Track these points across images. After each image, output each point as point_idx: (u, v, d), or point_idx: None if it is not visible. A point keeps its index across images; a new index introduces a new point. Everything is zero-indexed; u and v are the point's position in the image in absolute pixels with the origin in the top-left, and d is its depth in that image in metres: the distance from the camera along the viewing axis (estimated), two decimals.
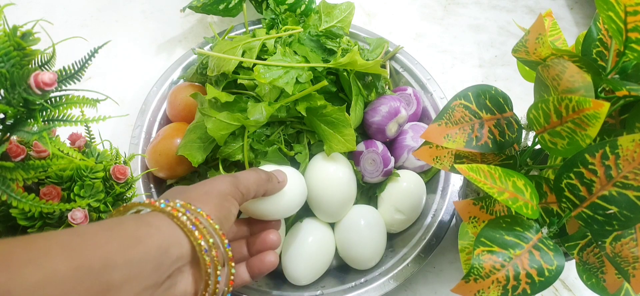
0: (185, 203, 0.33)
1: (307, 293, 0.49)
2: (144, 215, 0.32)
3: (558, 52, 0.34)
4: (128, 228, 0.29)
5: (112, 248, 0.27)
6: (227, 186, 0.37)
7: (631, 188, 0.30)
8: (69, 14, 0.76)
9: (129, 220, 0.31)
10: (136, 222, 0.30)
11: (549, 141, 0.34)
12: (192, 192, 0.36)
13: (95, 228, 0.28)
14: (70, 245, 0.25)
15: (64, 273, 0.24)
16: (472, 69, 0.75)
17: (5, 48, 0.28)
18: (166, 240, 0.30)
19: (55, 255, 0.24)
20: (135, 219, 0.31)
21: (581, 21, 0.81)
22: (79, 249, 0.25)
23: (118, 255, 0.27)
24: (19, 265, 0.23)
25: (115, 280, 0.26)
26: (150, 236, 0.29)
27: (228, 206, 0.36)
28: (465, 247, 0.42)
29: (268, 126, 0.51)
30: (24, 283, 0.22)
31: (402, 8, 0.82)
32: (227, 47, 0.53)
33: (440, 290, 0.54)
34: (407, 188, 0.53)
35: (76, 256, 0.25)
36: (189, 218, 0.32)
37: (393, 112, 0.53)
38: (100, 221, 0.32)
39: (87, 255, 0.25)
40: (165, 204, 0.32)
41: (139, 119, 0.58)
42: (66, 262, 0.24)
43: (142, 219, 0.31)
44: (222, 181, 0.37)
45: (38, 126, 0.30)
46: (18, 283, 0.22)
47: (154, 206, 0.33)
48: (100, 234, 0.28)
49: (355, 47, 0.57)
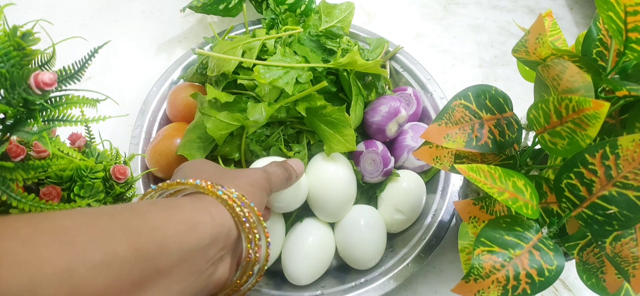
0: (240, 194, 0.34)
1: (307, 293, 0.49)
2: (200, 199, 0.32)
3: (558, 52, 0.34)
4: (185, 212, 0.30)
5: (168, 232, 0.28)
6: (263, 181, 0.38)
7: (631, 188, 0.30)
8: (69, 14, 0.76)
9: (187, 204, 0.31)
10: (193, 207, 0.31)
11: (549, 141, 0.34)
12: (239, 180, 0.36)
13: (155, 209, 0.29)
14: (131, 226, 0.26)
15: (123, 254, 0.24)
16: (472, 69, 0.75)
17: (5, 48, 0.28)
18: (218, 229, 0.31)
19: (116, 236, 0.25)
20: (193, 203, 0.32)
21: (581, 21, 0.81)
22: (138, 231, 0.26)
23: (173, 240, 0.28)
24: (83, 244, 0.23)
25: (166, 265, 0.27)
26: (205, 224, 0.30)
27: (263, 198, 0.38)
28: (465, 247, 0.42)
29: (268, 126, 0.51)
30: (87, 262, 0.23)
31: (402, 8, 0.82)
32: (227, 47, 0.53)
33: (440, 290, 0.54)
34: (407, 188, 0.53)
35: (135, 238, 0.26)
36: (243, 210, 0.33)
37: (393, 112, 0.53)
38: (160, 201, 0.32)
39: (145, 238, 0.26)
40: (222, 192, 0.33)
41: (139, 119, 0.58)
42: (126, 243, 0.25)
43: (199, 204, 0.32)
44: (258, 174, 0.39)
45: (38, 126, 0.30)
46: (81, 262, 0.23)
47: (211, 191, 0.33)
48: (159, 216, 0.28)
49: (355, 47, 0.57)
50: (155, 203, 0.31)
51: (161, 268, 0.27)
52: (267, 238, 0.35)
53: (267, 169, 0.41)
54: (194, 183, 0.33)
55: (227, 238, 0.32)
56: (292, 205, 0.48)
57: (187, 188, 0.34)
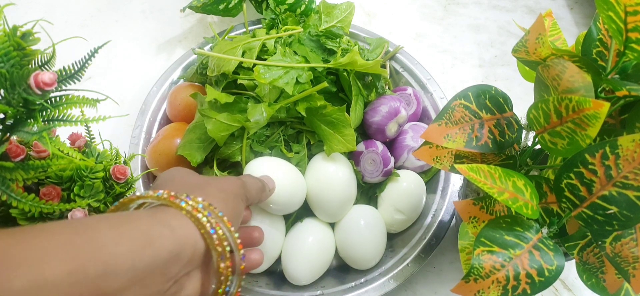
0: (207, 204, 0.31)
1: (307, 293, 0.49)
2: (160, 212, 0.30)
3: (558, 52, 0.34)
4: (140, 226, 0.27)
5: (118, 250, 0.25)
6: (238, 188, 0.37)
7: (631, 188, 0.30)
8: (69, 14, 0.76)
9: (142, 217, 0.28)
10: (150, 220, 0.28)
11: (549, 141, 0.34)
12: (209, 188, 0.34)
13: (104, 225, 0.26)
14: (71, 245, 0.23)
15: (54, 278, 0.22)
16: (472, 69, 0.75)
17: (5, 48, 0.28)
18: (180, 243, 0.28)
19: (51, 256, 0.22)
20: (150, 216, 0.29)
21: (581, 21, 0.81)
22: (77, 250, 0.23)
23: (123, 259, 0.25)
24: (10, 267, 0.21)
25: (114, 287, 0.24)
26: (163, 238, 0.27)
27: (239, 207, 0.36)
28: (465, 247, 0.42)
29: (268, 126, 0.51)
30: (9, 289, 0.21)
31: (402, 8, 0.82)
32: (227, 47, 0.53)
33: (440, 290, 0.54)
34: (407, 188, 0.53)
35: (73, 258, 0.23)
36: (209, 220, 0.30)
37: (393, 112, 0.53)
38: (111, 215, 0.28)
39: (85, 258, 0.23)
40: (185, 202, 0.30)
41: (139, 119, 0.58)
42: (60, 266, 0.22)
43: (158, 217, 0.29)
44: (233, 182, 0.37)
45: (38, 126, 0.30)
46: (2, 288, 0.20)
47: (173, 203, 0.30)
48: (108, 233, 0.25)
49: (355, 47, 0.57)
50: (106, 218, 0.28)
51: (106, 291, 0.24)
52: (239, 250, 0.32)
53: (241, 178, 0.39)
54: (154, 195, 0.31)
55: (194, 251, 0.29)
56: (290, 207, 0.48)
57: (149, 200, 0.31)
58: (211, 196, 0.32)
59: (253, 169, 0.47)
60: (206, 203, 0.31)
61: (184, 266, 0.29)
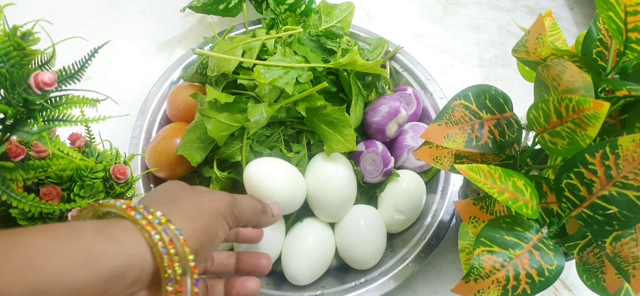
0: (165, 219, 0.28)
1: (307, 293, 0.49)
2: (109, 224, 0.28)
3: (558, 52, 0.34)
4: (81, 241, 0.25)
5: (52, 267, 0.23)
6: (223, 206, 0.34)
7: (631, 188, 0.30)
8: (69, 14, 0.76)
9: (87, 231, 0.26)
10: (94, 234, 0.26)
11: (549, 141, 0.34)
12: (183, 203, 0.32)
13: (44, 239, 0.24)
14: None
15: None
16: (472, 69, 0.75)
17: (5, 48, 0.28)
18: (126, 261, 0.26)
19: None
20: (95, 230, 0.26)
21: (581, 21, 0.81)
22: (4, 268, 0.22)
23: (58, 277, 0.23)
24: None
25: None
26: (105, 256, 0.25)
27: (216, 227, 0.33)
28: (465, 247, 0.42)
29: (268, 126, 0.51)
30: None
31: (402, 8, 0.82)
32: (227, 47, 0.53)
33: (440, 290, 0.54)
34: (407, 188, 0.53)
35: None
36: (163, 237, 0.27)
37: (393, 112, 0.53)
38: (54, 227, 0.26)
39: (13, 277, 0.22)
40: (142, 216, 0.28)
41: (139, 119, 0.58)
42: None
43: (104, 231, 0.27)
44: (219, 199, 0.34)
45: (38, 126, 0.30)
46: None
47: (129, 215, 0.28)
48: (47, 247, 0.23)
49: (355, 47, 0.57)
50: (45, 231, 0.25)
51: None
52: (193, 273, 0.29)
53: (234, 196, 0.36)
54: (115, 204, 0.29)
55: (141, 270, 0.27)
56: (290, 207, 0.48)
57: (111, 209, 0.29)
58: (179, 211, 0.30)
59: (253, 169, 0.47)
60: (164, 218, 0.28)
61: (129, 286, 0.27)
